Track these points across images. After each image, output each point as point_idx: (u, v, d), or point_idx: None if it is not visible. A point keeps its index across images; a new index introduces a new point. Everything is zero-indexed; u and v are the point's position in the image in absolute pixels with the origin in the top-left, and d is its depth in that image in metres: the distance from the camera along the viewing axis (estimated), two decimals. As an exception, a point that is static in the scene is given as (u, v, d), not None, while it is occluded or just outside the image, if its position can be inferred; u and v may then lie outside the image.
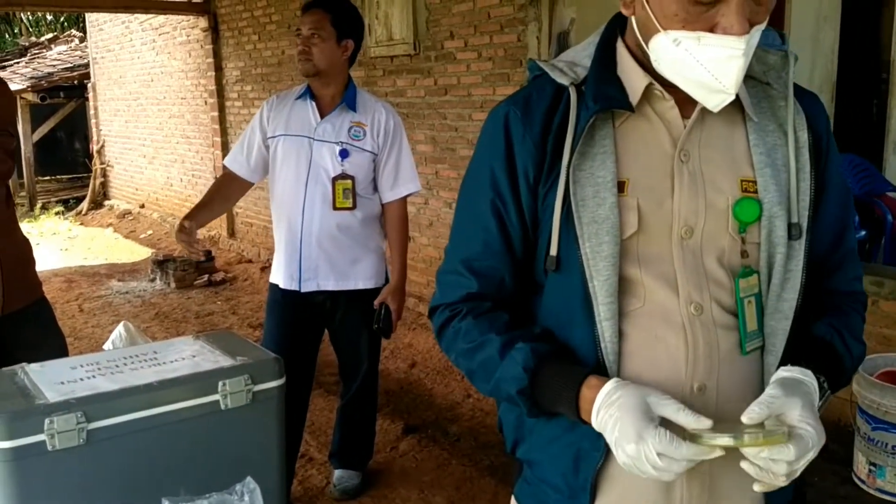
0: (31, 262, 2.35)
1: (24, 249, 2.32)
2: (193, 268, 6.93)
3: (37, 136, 12.42)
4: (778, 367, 1.07)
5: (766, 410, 0.95)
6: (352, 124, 2.86)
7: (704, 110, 1.09)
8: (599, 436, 1.04)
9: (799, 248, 1.09)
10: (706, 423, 0.95)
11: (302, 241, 2.87)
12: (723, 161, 1.11)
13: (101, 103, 11.44)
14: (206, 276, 6.93)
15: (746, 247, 1.09)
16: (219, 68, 7.84)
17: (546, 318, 1.15)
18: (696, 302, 1.07)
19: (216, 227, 8.34)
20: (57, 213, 11.18)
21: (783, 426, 0.96)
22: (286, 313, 2.96)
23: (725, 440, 0.93)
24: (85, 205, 11.42)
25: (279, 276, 2.96)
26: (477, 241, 1.16)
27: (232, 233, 8.10)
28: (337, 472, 3.22)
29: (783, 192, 1.09)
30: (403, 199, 2.96)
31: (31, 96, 11.43)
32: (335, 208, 2.84)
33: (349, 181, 2.83)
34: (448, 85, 4.99)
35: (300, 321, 2.97)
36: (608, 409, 1.00)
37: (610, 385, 1.01)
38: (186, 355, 1.45)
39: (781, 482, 0.96)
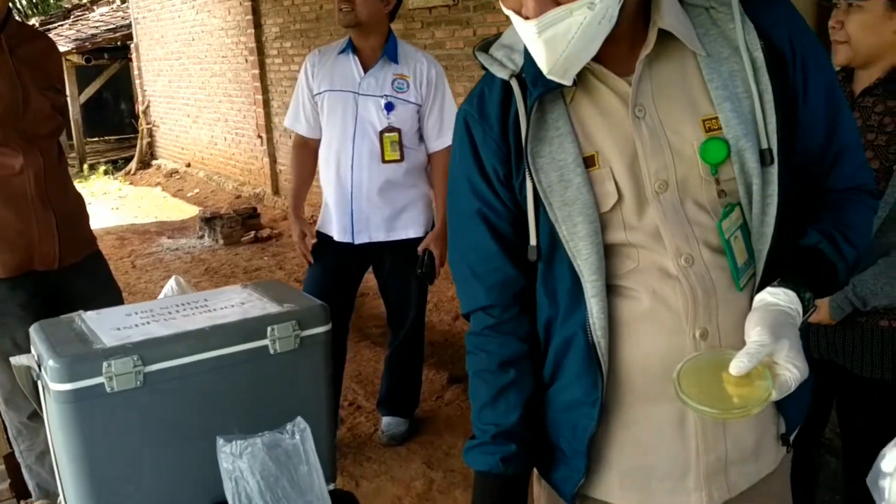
0: (85, 216, 2.41)
1: (77, 204, 2.38)
2: (240, 225, 7.05)
3: (83, 97, 12.63)
4: (760, 287, 1.05)
5: (754, 361, 0.94)
6: (395, 77, 2.87)
7: (649, 60, 1.06)
8: (594, 407, 1.11)
9: (773, 172, 1.05)
10: None
11: (353, 196, 2.91)
12: (681, 105, 1.07)
13: (145, 63, 11.55)
14: (252, 233, 7.04)
15: (723, 185, 1.07)
16: (258, 25, 7.84)
17: (545, 307, 1.16)
18: (686, 253, 1.07)
19: (261, 185, 8.43)
20: (106, 173, 11.41)
21: (766, 371, 0.96)
22: (330, 261, 3.03)
23: (710, 411, 0.95)
24: (133, 164, 11.63)
25: (331, 228, 3.00)
26: (472, 252, 1.18)
27: (276, 190, 8.18)
28: (385, 419, 3.29)
29: (748, 121, 1.05)
30: (449, 150, 2.96)
31: (76, 58, 11.60)
32: (384, 161, 2.87)
33: (396, 134, 2.86)
34: (488, 35, 4.91)
35: (342, 269, 3.04)
36: None
37: None
38: (235, 303, 1.48)
39: None
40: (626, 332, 1.10)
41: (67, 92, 10.93)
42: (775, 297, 1.01)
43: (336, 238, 2.99)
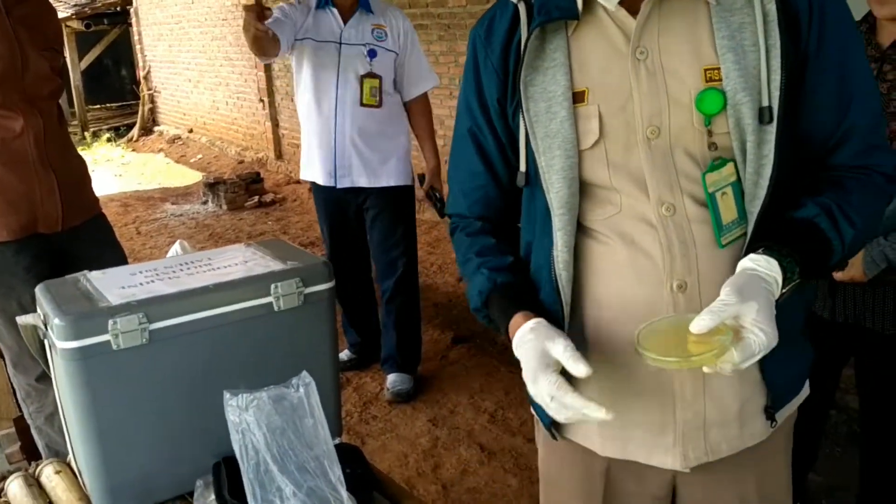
0: (87, 179, 2.41)
1: (79, 167, 2.38)
2: (243, 190, 7.05)
3: (84, 63, 12.53)
4: (746, 253, 1.03)
5: (716, 319, 0.92)
6: (373, 27, 3.05)
7: (660, 2, 1.04)
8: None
9: (771, 131, 1.02)
10: (582, 370, 0.98)
11: (336, 141, 3.07)
12: (685, 51, 1.05)
13: (145, 28, 11.44)
14: (255, 198, 7.04)
15: (715, 138, 1.05)
16: (258, -14, 7.74)
17: (525, 231, 1.20)
18: (668, 202, 1.06)
19: (264, 150, 8.40)
20: (108, 140, 11.37)
21: (730, 332, 0.93)
22: (324, 207, 3.26)
23: (667, 360, 0.93)
24: (135, 131, 11.59)
25: (316, 173, 3.17)
26: (463, 165, 1.24)
27: (279, 155, 8.15)
28: (390, 377, 3.33)
29: (751, 75, 1.02)
30: (425, 95, 3.18)
31: (75, 24, 11.48)
32: (362, 104, 3.02)
33: (377, 80, 3.02)
34: (490, -7, 4.86)
35: (338, 213, 3.24)
36: (519, 350, 1.07)
37: (524, 328, 1.07)
38: (239, 261, 1.48)
39: (727, 373, 0.95)
40: (600, 276, 1.11)
41: (68, 58, 10.87)
42: (755, 262, 0.99)
43: (321, 183, 3.17)
